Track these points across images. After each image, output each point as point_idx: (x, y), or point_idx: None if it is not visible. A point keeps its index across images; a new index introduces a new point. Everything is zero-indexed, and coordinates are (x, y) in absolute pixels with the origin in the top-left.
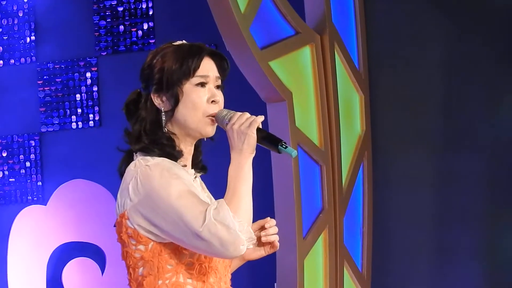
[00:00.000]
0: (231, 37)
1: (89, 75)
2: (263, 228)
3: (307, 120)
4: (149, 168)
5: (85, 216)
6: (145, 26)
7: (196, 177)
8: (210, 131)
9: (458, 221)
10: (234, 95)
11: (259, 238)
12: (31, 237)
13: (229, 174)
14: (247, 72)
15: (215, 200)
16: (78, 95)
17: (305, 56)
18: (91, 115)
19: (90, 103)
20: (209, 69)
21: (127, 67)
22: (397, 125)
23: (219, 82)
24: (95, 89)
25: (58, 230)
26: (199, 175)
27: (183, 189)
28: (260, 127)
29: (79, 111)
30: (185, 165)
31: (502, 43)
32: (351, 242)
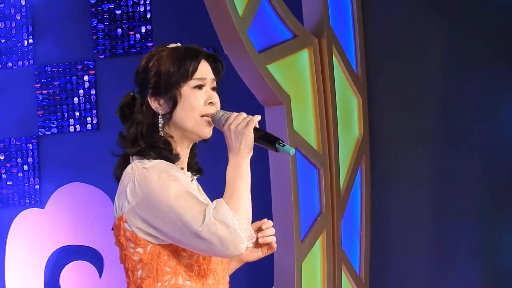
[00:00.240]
0: (229, 40)
1: (87, 78)
2: (260, 229)
3: (305, 123)
4: (147, 170)
5: (83, 219)
6: (143, 29)
7: (192, 180)
8: (207, 132)
9: (456, 224)
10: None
11: (256, 239)
12: (29, 240)
13: (227, 174)
14: (245, 75)
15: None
16: (76, 98)
17: (303, 59)
18: (89, 118)
19: (88, 107)
20: (206, 71)
21: (125, 70)
22: (395, 128)
23: (214, 84)
24: (93, 92)
25: (56, 233)
26: (195, 178)
27: (181, 190)
28: (257, 126)
29: (77, 114)
30: (182, 168)
31: (501, 44)
32: (349, 245)
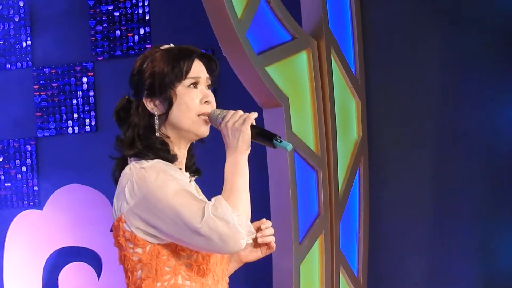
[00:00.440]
0: (228, 42)
1: (85, 80)
2: (259, 229)
3: (304, 125)
4: (145, 170)
5: (81, 220)
6: (142, 31)
7: (191, 180)
8: (205, 130)
9: (455, 226)
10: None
11: (255, 239)
12: (27, 241)
13: (225, 171)
14: (244, 77)
15: None
16: (74, 100)
17: (302, 61)
18: (87, 120)
19: (86, 108)
20: (200, 70)
21: (123, 72)
22: (393, 130)
23: (209, 83)
24: (91, 94)
25: (54, 234)
26: (193, 178)
27: (179, 188)
28: (254, 123)
29: (75, 116)
30: (180, 168)
31: (499, 46)
32: (347, 247)
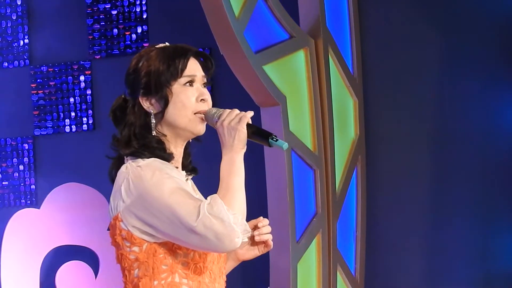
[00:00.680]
0: (225, 41)
1: (82, 78)
2: (256, 227)
3: (301, 124)
4: (141, 168)
5: (78, 219)
6: (139, 29)
7: (187, 179)
8: (201, 128)
9: (452, 224)
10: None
11: (252, 237)
12: (25, 240)
13: (221, 169)
14: (241, 76)
15: None
16: (71, 99)
17: (299, 60)
18: (85, 119)
19: (83, 107)
20: (195, 68)
21: (120, 70)
22: (391, 129)
23: (205, 81)
24: (89, 92)
25: (51, 233)
26: (190, 177)
27: (175, 186)
28: (250, 122)
29: (73, 114)
30: (177, 167)
31: (497, 44)
32: (344, 246)
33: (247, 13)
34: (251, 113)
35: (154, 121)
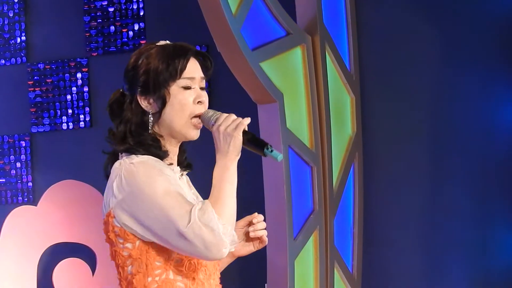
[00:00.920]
0: (222, 38)
1: (79, 75)
2: (251, 223)
3: (298, 121)
4: (134, 165)
5: (75, 216)
6: (136, 27)
7: (182, 174)
8: (194, 135)
9: (449, 221)
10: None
11: (247, 233)
12: (22, 237)
13: (214, 175)
14: (238, 73)
15: (201, 198)
16: (68, 96)
17: (296, 57)
18: (82, 116)
19: (80, 104)
20: (194, 70)
21: (118, 67)
22: (388, 126)
23: (203, 83)
24: (86, 89)
25: (48, 230)
26: (185, 173)
27: (168, 187)
28: (246, 129)
29: (70, 111)
30: (171, 164)
31: (494, 42)
32: (341, 243)
33: (244, 10)
34: (247, 120)
35: (151, 120)
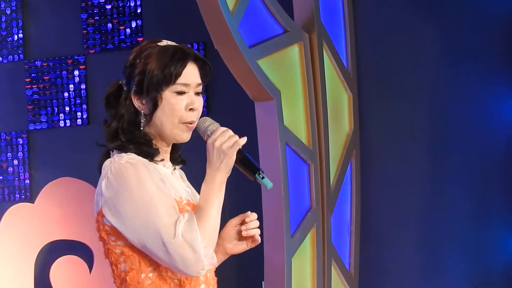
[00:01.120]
0: (220, 35)
1: (77, 73)
2: (243, 222)
3: (295, 119)
4: (123, 165)
5: (73, 214)
6: (133, 24)
7: (175, 169)
8: (185, 137)
9: (447, 219)
10: (222, 94)
11: (240, 232)
12: (19, 235)
13: (202, 189)
14: (235, 70)
15: (195, 191)
16: (66, 93)
17: (294, 54)
18: (79, 113)
19: (78, 101)
20: (191, 75)
21: (115, 65)
22: (385, 124)
23: (199, 89)
24: (83, 87)
25: (46, 228)
26: (178, 167)
27: (155, 191)
28: (240, 149)
29: (67, 109)
30: (163, 159)
31: (493, 41)
32: (338, 240)
33: (242, 8)
34: (244, 140)
35: (143, 120)
